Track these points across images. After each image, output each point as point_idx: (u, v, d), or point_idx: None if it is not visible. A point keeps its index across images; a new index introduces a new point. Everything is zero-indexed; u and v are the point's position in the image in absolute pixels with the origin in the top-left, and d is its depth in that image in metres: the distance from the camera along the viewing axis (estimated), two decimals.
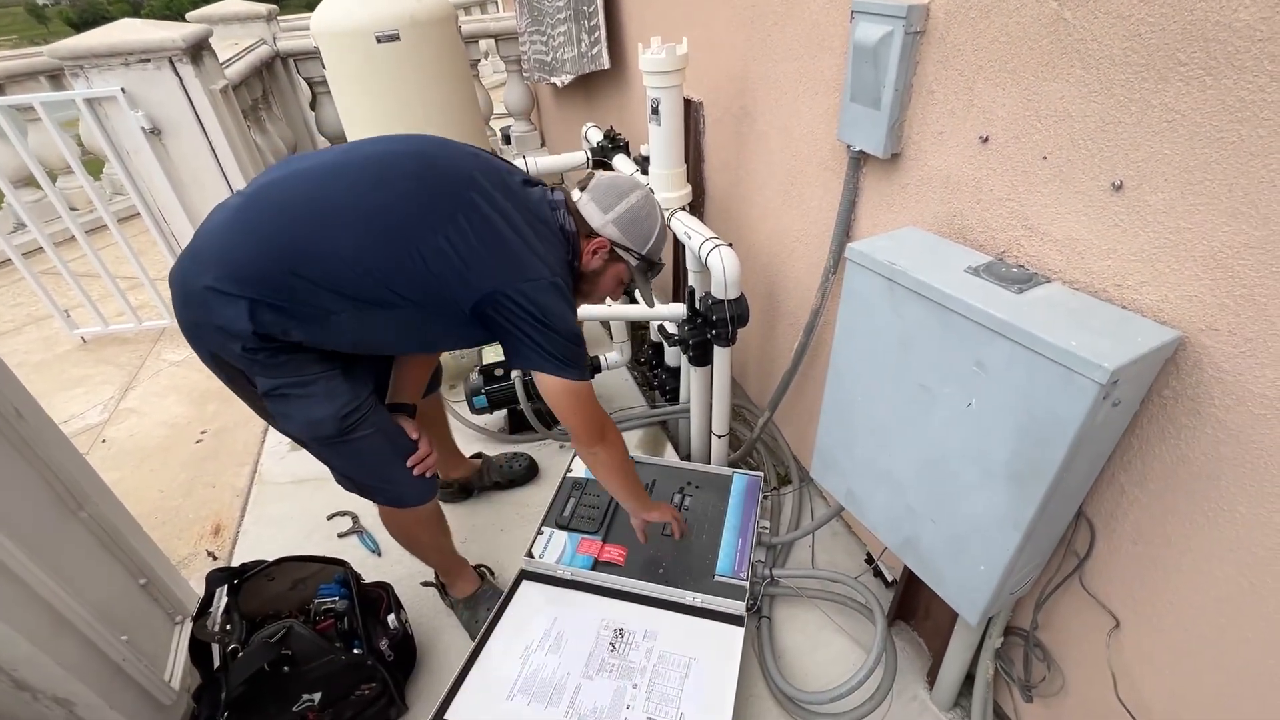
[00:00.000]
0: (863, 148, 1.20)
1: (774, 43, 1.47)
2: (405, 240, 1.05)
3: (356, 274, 1.04)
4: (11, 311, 3.18)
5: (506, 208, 1.12)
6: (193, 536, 1.89)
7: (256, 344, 1.03)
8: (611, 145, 2.19)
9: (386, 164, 1.10)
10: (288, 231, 1.03)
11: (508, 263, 1.09)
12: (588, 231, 1.23)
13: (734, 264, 1.47)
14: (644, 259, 1.26)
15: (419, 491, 1.31)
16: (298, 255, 1.02)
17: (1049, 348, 0.75)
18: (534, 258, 1.11)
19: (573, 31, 2.73)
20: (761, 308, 1.85)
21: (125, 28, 2.30)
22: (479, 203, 1.09)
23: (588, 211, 1.22)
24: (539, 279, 1.10)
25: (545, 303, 1.10)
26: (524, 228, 1.13)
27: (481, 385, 2.02)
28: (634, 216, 1.23)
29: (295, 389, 1.10)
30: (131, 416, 2.39)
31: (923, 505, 1.02)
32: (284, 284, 1.02)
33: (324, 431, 1.14)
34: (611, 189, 1.23)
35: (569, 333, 1.13)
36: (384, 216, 1.05)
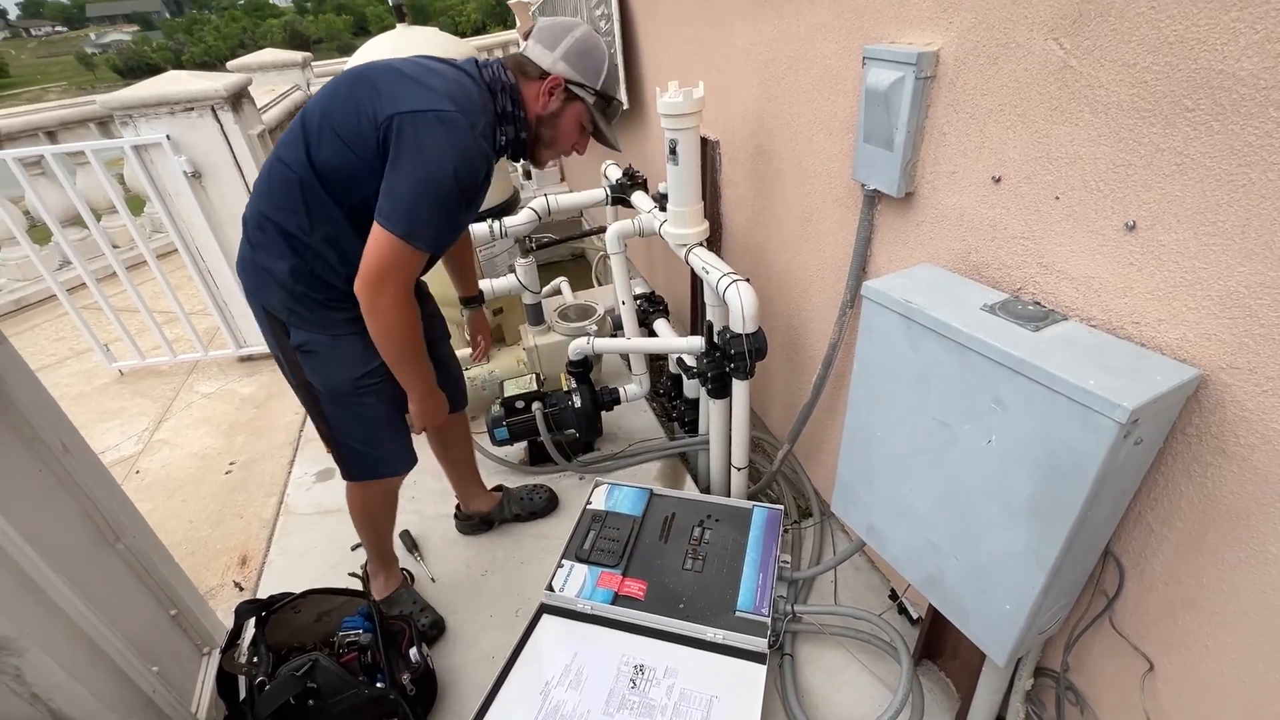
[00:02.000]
0: (877, 186, 1.23)
1: (788, 85, 1.51)
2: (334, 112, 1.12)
3: (322, 154, 1.12)
4: (54, 345, 3.31)
5: (417, 63, 1.17)
6: (220, 567, 1.93)
7: (296, 285, 1.20)
8: (630, 182, 2.25)
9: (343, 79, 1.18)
10: (292, 148, 1.16)
11: (400, 94, 1.09)
12: (537, 73, 1.24)
13: (752, 299, 1.50)
14: (599, 94, 1.28)
15: (396, 464, 1.45)
16: (295, 162, 1.14)
17: (1067, 386, 0.75)
18: (429, 92, 1.10)
19: None
20: (780, 340, 1.86)
21: (172, 79, 2.44)
22: (392, 66, 1.15)
23: (536, 54, 1.24)
24: (427, 111, 1.07)
25: (422, 137, 1.06)
26: (432, 73, 1.14)
27: (503, 417, 2.05)
28: (581, 49, 1.24)
29: (323, 345, 1.25)
30: (165, 448, 2.46)
31: (945, 541, 1.02)
32: (294, 191, 1.15)
33: (340, 388, 1.29)
34: (555, 26, 1.25)
35: (423, 179, 1.07)
36: (330, 107, 1.14)
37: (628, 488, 1.87)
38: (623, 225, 2.00)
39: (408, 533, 1.92)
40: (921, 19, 1.07)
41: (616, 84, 1.29)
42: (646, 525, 1.75)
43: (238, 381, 2.87)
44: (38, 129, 3.68)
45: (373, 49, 2.22)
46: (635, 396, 2.19)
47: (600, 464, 2.15)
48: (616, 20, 2.44)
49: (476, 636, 1.63)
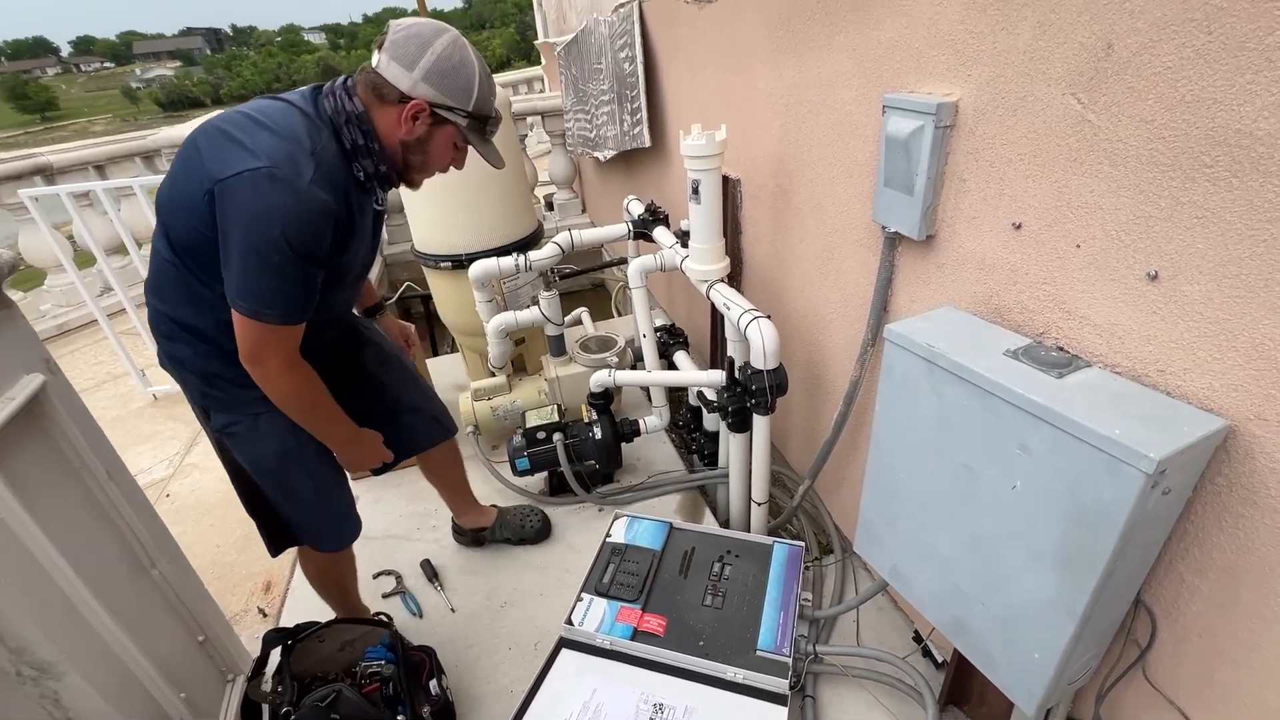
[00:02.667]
0: (898, 229, 1.25)
1: (808, 129, 1.55)
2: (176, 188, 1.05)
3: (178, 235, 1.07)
4: (93, 369, 3.42)
5: (245, 113, 1.04)
6: (245, 593, 1.95)
7: (206, 370, 1.18)
8: (652, 218, 2.30)
9: None
10: (157, 233, 1.12)
11: (220, 157, 0.97)
12: (399, 97, 1.08)
13: (773, 335, 1.52)
14: (472, 116, 1.12)
15: (335, 539, 1.45)
16: (162, 248, 1.11)
17: (1093, 435, 0.76)
18: (245, 152, 0.97)
19: (615, 112, 2.92)
20: (800, 375, 1.87)
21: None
22: (220, 122, 1.04)
23: (391, 74, 1.06)
24: (245, 172, 0.95)
25: (245, 201, 0.96)
26: (256, 125, 1.01)
27: (525, 447, 2.08)
28: (444, 68, 1.07)
29: (244, 427, 1.23)
30: (195, 472, 2.52)
31: (971, 586, 1.01)
32: (170, 279, 1.11)
33: (266, 465, 1.28)
34: (411, 41, 1.06)
35: (256, 247, 0.97)
36: (173, 182, 1.07)
37: (647, 521, 1.87)
38: (645, 260, 2.04)
39: (428, 562, 1.94)
40: (940, 70, 1.10)
41: (491, 98, 1.14)
42: (666, 559, 1.75)
43: None
44: (87, 163, 3.87)
45: None
46: (655, 428, 2.20)
47: (620, 496, 2.16)
48: (640, 62, 2.52)
49: (495, 669, 1.63)
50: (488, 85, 1.14)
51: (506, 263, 2.13)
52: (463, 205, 2.41)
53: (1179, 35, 0.73)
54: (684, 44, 2.22)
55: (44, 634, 0.99)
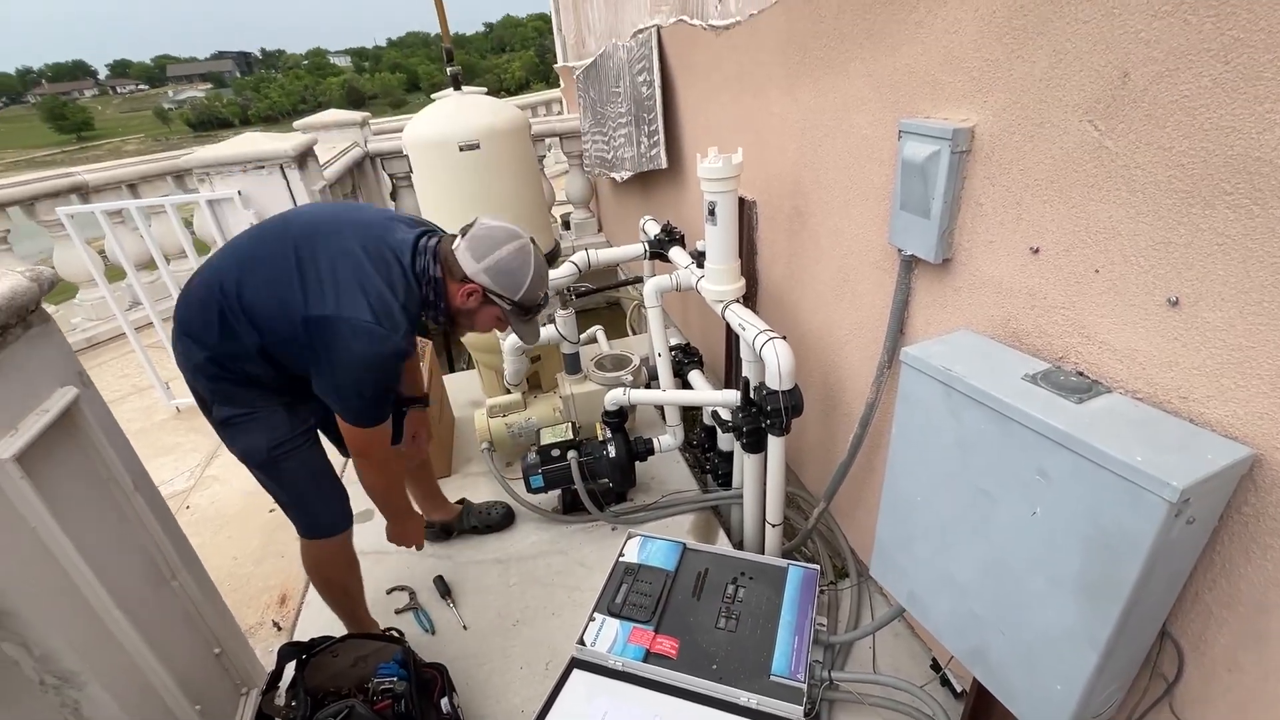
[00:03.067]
0: (914, 252, 1.25)
1: (824, 152, 1.57)
2: (274, 274, 1.25)
3: (249, 304, 1.25)
4: (119, 382, 3.50)
5: (351, 254, 1.25)
6: (260, 605, 1.97)
7: (216, 372, 1.29)
8: (668, 238, 2.32)
9: (285, 222, 1.33)
10: (215, 276, 1.28)
11: (327, 294, 1.21)
12: (460, 276, 1.32)
13: (788, 356, 1.52)
14: (517, 305, 1.35)
15: (330, 524, 1.52)
16: (214, 292, 1.26)
17: (1114, 462, 0.75)
18: (357, 295, 1.21)
19: (633, 134, 2.97)
20: (815, 396, 1.87)
21: (247, 141, 2.65)
22: (329, 249, 1.24)
23: (462, 259, 1.31)
24: (347, 318, 1.20)
25: (341, 344, 1.20)
26: (366, 268, 1.24)
27: (539, 464, 2.08)
28: (504, 268, 1.31)
29: (241, 419, 1.34)
30: (214, 484, 2.56)
31: (990, 614, 0.99)
32: (213, 311, 1.26)
33: (258, 457, 1.38)
34: (486, 239, 1.32)
35: (350, 382, 1.24)
36: (263, 260, 1.27)
37: (661, 541, 1.86)
38: (660, 280, 2.06)
39: (441, 578, 1.94)
40: (956, 96, 1.11)
41: (538, 293, 1.38)
42: (679, 580, 1.74)
43: None
44: (121, 182, 4.00)
45: (433, 115, 2.38)
46: (669, 448, 2.20)
47: (633, 515, 2.15)
48: (658, 86, 2.57)
49: (506, 689, 1.62)
50: (537, 283, 1.37)
51: None
52: None
53: (1196, 64, 0.74)
54: (700, 69, 2.26)
55: (68, 643, 1.01)
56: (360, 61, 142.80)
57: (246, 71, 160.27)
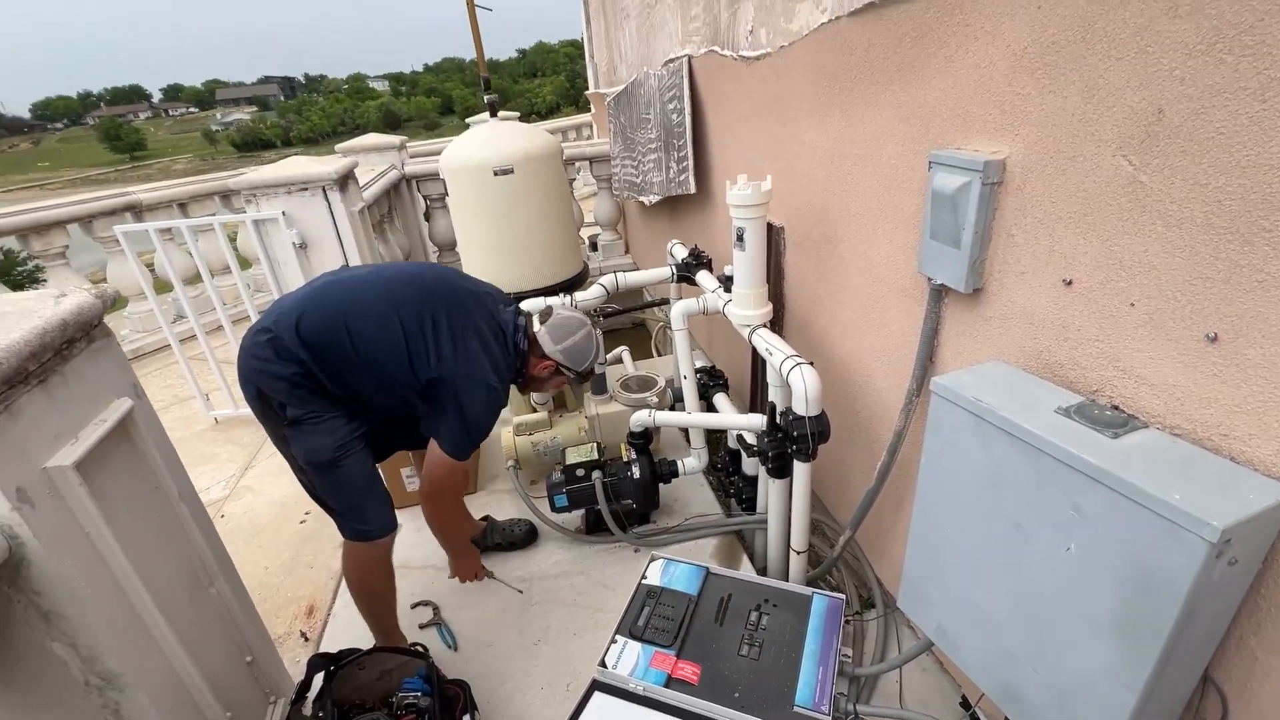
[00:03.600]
0: (944, 281, 1.26)
1: (853, 181, 1.59)
2: (399, 327, 1.48)
3: (367, 343, 1.46)
4: (162, 392, 3.63)
5: (476, 320, 1.55)
6: (289, 616, 2.01)
7: (300, 381, 1.44)
8: (695, 261, 2.35)
9: (406, 278, 1.57)
10: (336, 312, 1.47)
11: (467, 358, 1.49)
12: (540, 354, 1.67)
13: (815, 383, 1.52)
14: (579, 375, 1.74)
15: (380, 526, 1.60)
16: (338, 327, 1.45)
17: (1152, 500, 0.74)
18: (485, 361, 1.52)
19: (662, 160, 3.02)
20: (842, 423, 1.86)
21: (292, 164, 2.77)
22: (454, 312, 1.52)
23: (543, 341, 1.68)
24: (479, 378, 1.50)
25: (475, 396, 1.50)
26: (488, 336, 1.55)
27: (564, 483, 2.10)
28: (576, 349, 1.69)
29: (310, 421, 1.47)
30: (248, 494, 2.63)
31: (1023, 651, 0.97)
32: (329, 340, 1.44)
33: (321, 457, 1.48)
34: (562, 328, 1.70)
35: (474, 425, 1.52)
36: (384, 316, 1.48)
37: (684, 564, 1.86)
38: (687, 304, 2.08)
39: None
40: (987, 129, 1.12)
41: (595, 363, 1.77)
42: (702, 605, 1.73)
43: None
44: (172, 201, 4.19)
45: (470, 140, 2.47)
46: (693, 470, 2.20)
47: (656, 537, 2.15)
48: (688, 113, 2.62)
49: (527, 709, 1.62)
50: (597, 357, 1.77)
51: (554, 302, 2.20)
52: (513, 246, 2.51)
53: (1232, 102, 0.74)
54: (731, 97, 2.31)
55: (112, 645, 1.05)
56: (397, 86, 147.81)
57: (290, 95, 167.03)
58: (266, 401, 1.46)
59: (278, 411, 1.46)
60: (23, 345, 0.92)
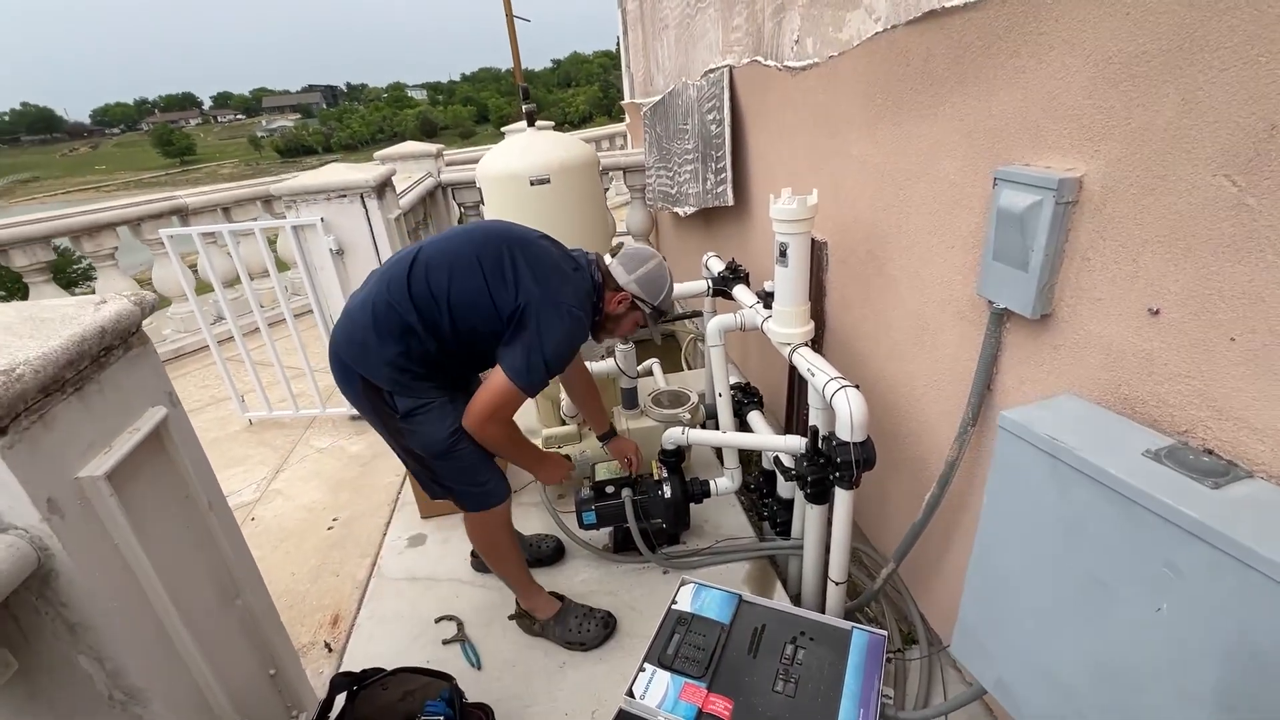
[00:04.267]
0: (1008, 305, 1.18)
1: (906, 197, 1.51)
2: (479, 271, 1.45)
3: (459, 293, 1.44)
4: (199, 392, 3.70)
5: (554, 253, 1.55)
6: (314, 625, 1.99)
7: (404, 363, 1.43)
8: (732, 275, 2.29)
9: (480, 229, 1.55)
10: (421, 273, 1.45)
11: (547, 285, 1.44)
12: (614, 286, 1.63)
13: (861, 408, 1.45)
14: (655, 309, 1.67)
15: (502, 490, 1.65)
16: (428, 283, 1.44)
17: (1265, 563, 0.65)
18: (567, 289, 1.48)
19: (699, 171, 2.97)
20: (886, 448, 1.76)
21: (331, 171, 2.80)
22: (531, 249, 1.50)
23: (616, 272, 1.63)
24: (562, 304, 1.45)
25: (555, 323, 1.43)
26: (566, 269, 1.53)
27: (592, 500, 2.05)
28: (650, 278, 1.64)
29: (421, 411, 1.47)
30: (278, 498, 2.64)
31: (1100, 719, 0.88)
32: (422, 301, 1.43)
33: (438, 448, 1.51)
34: (634, 257, 1.66)
35: (552, 351, 1.43)
36: (467, 258, 1.47)
37: (716, 590, 1.79)
38: (724, 319, 2.02)
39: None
40: (1062, 145, 1.05)
41: (670, 299, 1.70)
42: (734, 635, 1.65)
43: (348, 439, 3.07)
44: (217, 205, 4.30)
45: (507, 149, 2.45)
46: (726, 491, 2.13)
47: (686, 559, 2.08)
48: (727, 125, 2.57)
49: None
50: (670, 293, 1.69)
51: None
52: None
53: None
54: (773, 109, 2.25)
55: (138, 659, 1.02)
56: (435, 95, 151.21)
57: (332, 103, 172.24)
58: (376, 394, 1.47)
59: (389, 405, 1.48)
60: (60, 354, 0.91)
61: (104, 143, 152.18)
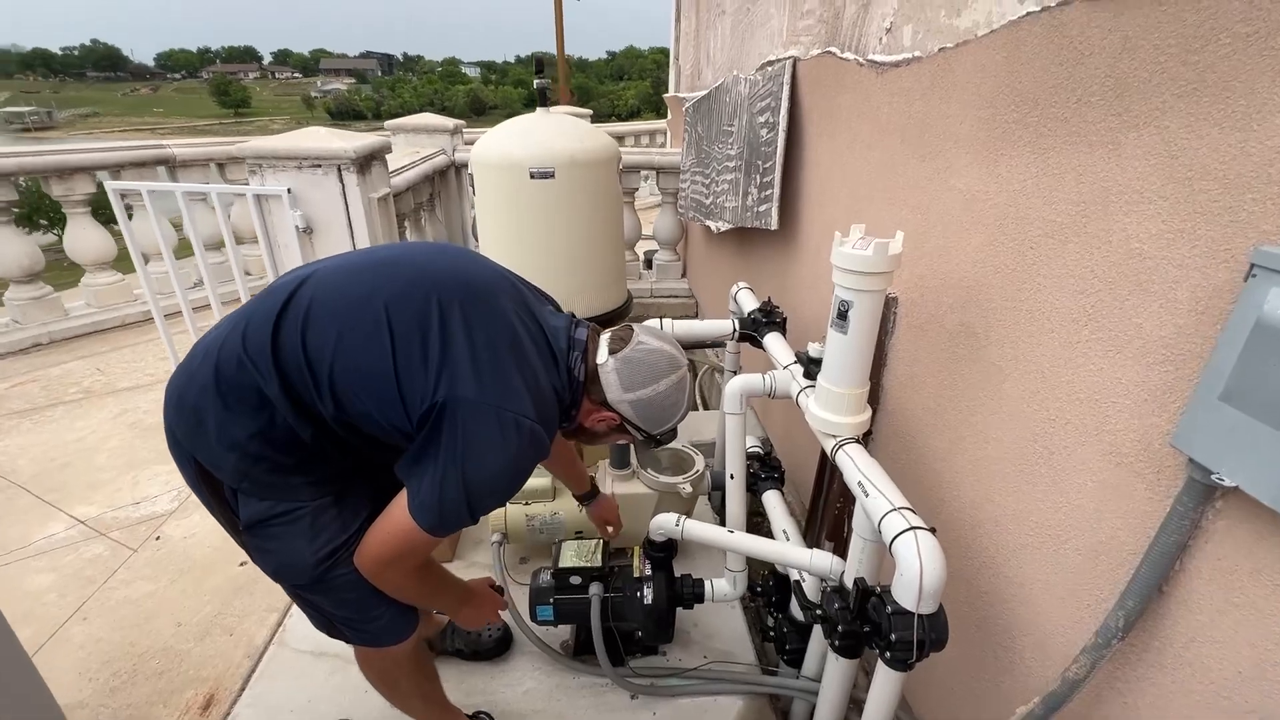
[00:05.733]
0: (1237, 482, 0.69)
1: (1042, 259, 1.02)
2: (385, 329, 0.95)
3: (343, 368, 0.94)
4: (159, 365, 3.32)
5: (516, 325, 1.02)
6: (180, 705, 1.56)
7: (258, 451, 0.94)
8: (766, 319, 1.82)
9: (406, 256, 1.05)
10: (296, 322, 0.94)
11: (491, 381, 0.94)
12: (599, 398, 1.10)
13: (938, 567, 0.96)
14: (651, 438, 1.16)
15: (397, 629, 1.16)
16: (304, 340, 0.93)
17: None
18: (519, 384, 0.97)
19: (740, 182, 2.49)
20: (957, 613, 1.28)
21: (308, 135, 2.38)
22: (478, 306, 0.99)
23: (608, 380, 1.09)
24: (507, 413, 0.94)
25: (492, 443, 0.93)
26: (530, 354, 1.01)
27: (551, 590, 1.60)
28: (656, 403, 1.11)
29: (279, 522, 0.99)
30: (196, 513, 2.23)
31: None
32: (291, 366, 0.93)
33: (301, 578, 1.03)
34: (644, 369, 1.10)
35: (479, 488, 0.94)
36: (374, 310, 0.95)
37: None
38: (749, 382, 1.55)
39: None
40: None
41: (676, 423, 1.18)
42: None
43: None
44: (209, 160, 3.93)
45: (508, 132, 2.01)
46: (725, 597, 1.65)
47: (662, 681, 1.61)
48: (782, 130, 2.09)
49: None
50: (680, 418, 1.17)
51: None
52: (544, 265, 2.04)
53: None
54: (845, 115, 1.76)
55: None
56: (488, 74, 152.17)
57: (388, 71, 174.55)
58: (215, 488, 0.99)
59: (229, 505, 1.00)
60: None
61: (164, 87, 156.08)
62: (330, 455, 1.00)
